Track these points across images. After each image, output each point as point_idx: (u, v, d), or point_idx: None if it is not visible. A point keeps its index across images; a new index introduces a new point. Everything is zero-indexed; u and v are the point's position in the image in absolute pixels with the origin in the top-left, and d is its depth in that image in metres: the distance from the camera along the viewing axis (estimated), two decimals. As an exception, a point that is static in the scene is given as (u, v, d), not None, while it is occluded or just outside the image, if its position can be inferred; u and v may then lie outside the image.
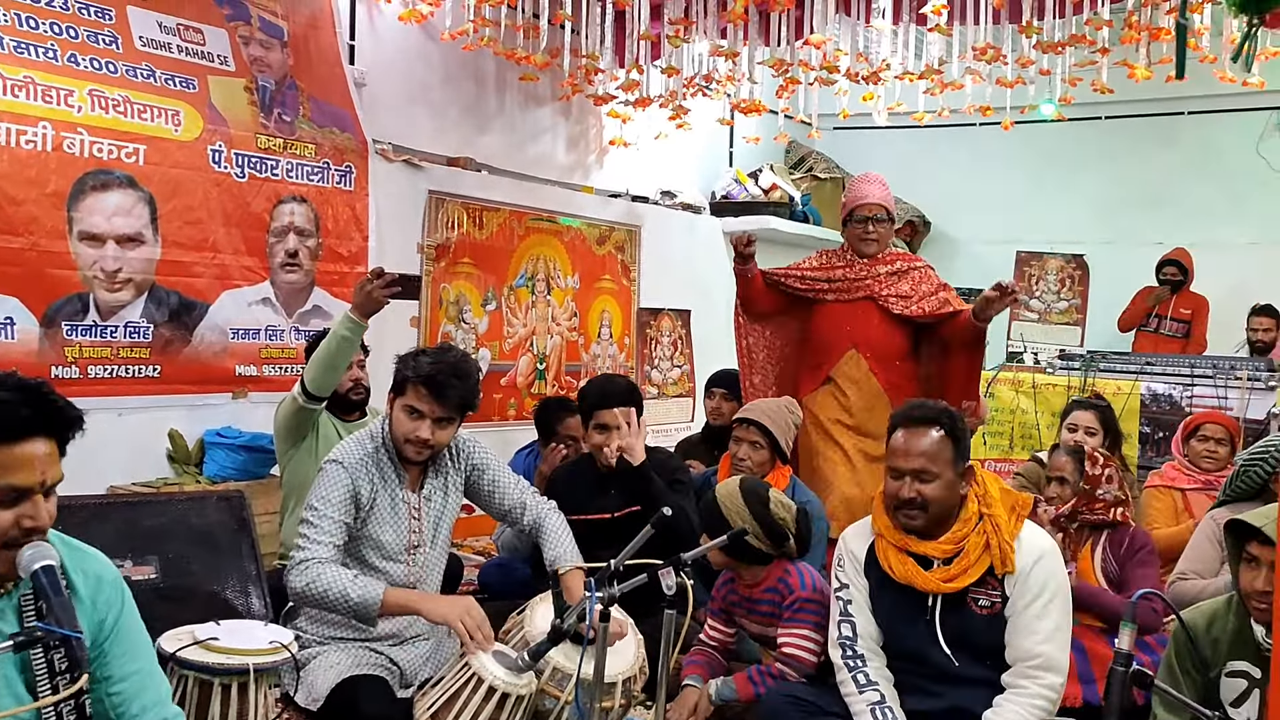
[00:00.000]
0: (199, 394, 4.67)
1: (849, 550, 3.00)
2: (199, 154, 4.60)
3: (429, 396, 3.09)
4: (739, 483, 3.36)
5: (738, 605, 3.44)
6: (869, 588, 2.93)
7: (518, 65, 5.90)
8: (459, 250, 5.88)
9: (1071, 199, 8.67)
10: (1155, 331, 7.83)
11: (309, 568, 2.97)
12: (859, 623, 2.91)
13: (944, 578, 2.80)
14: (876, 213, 4.45)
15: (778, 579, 3.31)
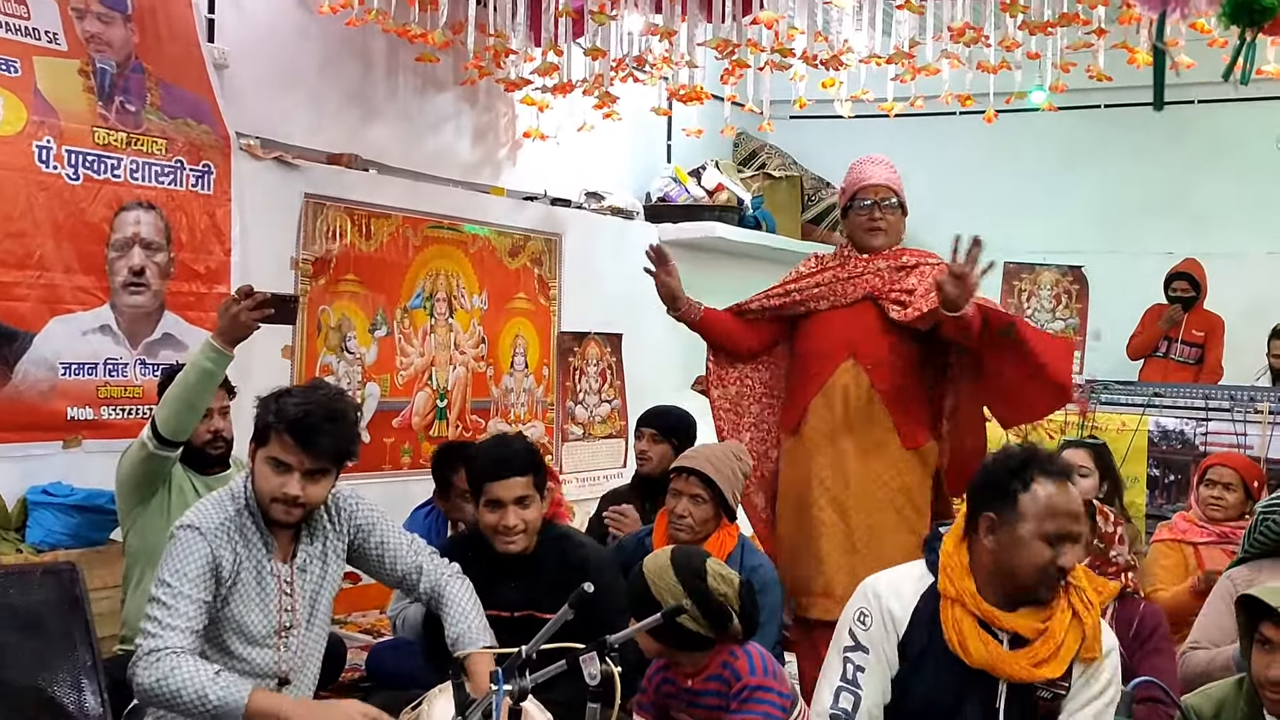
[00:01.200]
0: (21, 442, 4.61)
1: (885, 610, 2.86)
2: (22, 151, 4.54)
3: (296, 446, 3.07)
4: (669, 555, 3.36)
5: (675, 698, 3.44)
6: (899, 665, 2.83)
7: (412, 44, 5.91)
8: (341, 265, 5.87)
9: (1067, 202, 8.86)
10: (1165, 356, 7.96)
11: (160, 660, 2.93)
12: (865, 696, 2.81)
13: (1032, 661, 2.72)
14: (885, 195, 4.28)
15: (722, 664, 3.32)
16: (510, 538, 3.64)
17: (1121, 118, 8.48)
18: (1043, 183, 8.88)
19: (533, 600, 3.62)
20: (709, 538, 4.00)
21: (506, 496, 3.62)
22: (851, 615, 2.92)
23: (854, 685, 2.83)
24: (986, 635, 2.75)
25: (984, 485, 2.84)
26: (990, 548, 2.77)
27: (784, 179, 8.86)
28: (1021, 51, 6.00)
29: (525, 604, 3.63)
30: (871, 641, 2.85)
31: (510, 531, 3.63)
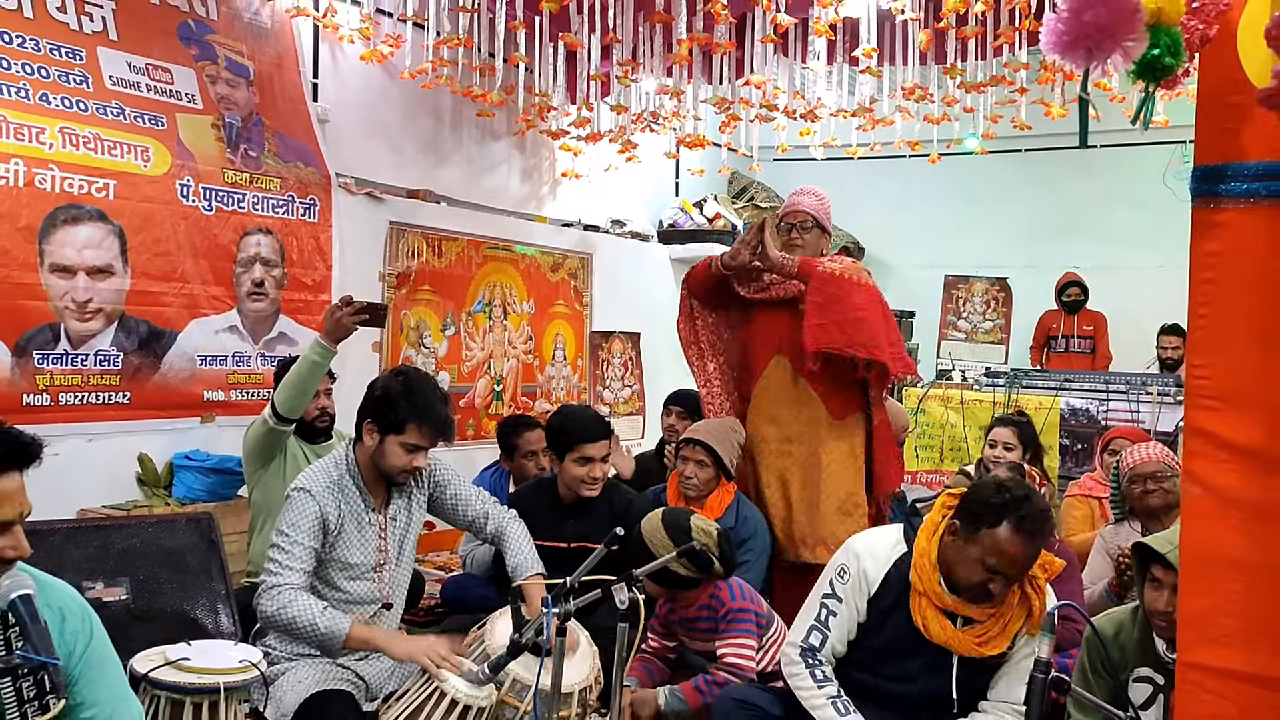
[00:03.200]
0: (168, 419, 4.62)
1: (861, 570, 2.82)
2: (168, 188, 4.56)
3: (432, 435, 3.13)
4: (660, 516, 3.37)
5: (679, 625, 3.47)
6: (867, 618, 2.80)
7: (474, 102, 5.92)
8: (419, 278, 5.88)
9: (994, 226, 8.85)
10: (1065, 351, 8.03)
11: (280, 594, 2.95)
12: (832, 638, 2.80)
13: (979, 640, 2.69)
14: (802, 220, 4.23)
15: (710, 595, 3.35)
16: (594, 486, 3.75)
17: (1039, 159, 8.46)
18: (976, 211, 8.86)
19: (586, 535, 3.69)
20: (711, 494, 4.02)
21: (596, 454, 3.75)
22: (834, 568, 2.89)
23: (825, 627, 2.83)
24: (945, 620, 2.70)
25: (968, 501, 2.72)
26: (947, 544, 2.72)
27: (768, 209, 8.83)
28: (959, 106, 5.99)
29: (579, 537, 3.69)
30: (846, 594, 2.82)
31: (595, 482, 3.77)
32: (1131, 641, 2.60)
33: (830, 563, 2.96)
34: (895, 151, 6.68)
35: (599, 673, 3.10)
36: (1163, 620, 2.46)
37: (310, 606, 2.95)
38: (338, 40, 5.54)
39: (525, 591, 3.21)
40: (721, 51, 5.39)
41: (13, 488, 1.76)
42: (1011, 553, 2.60)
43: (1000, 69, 5.60)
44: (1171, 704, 2.45)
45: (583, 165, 6.92)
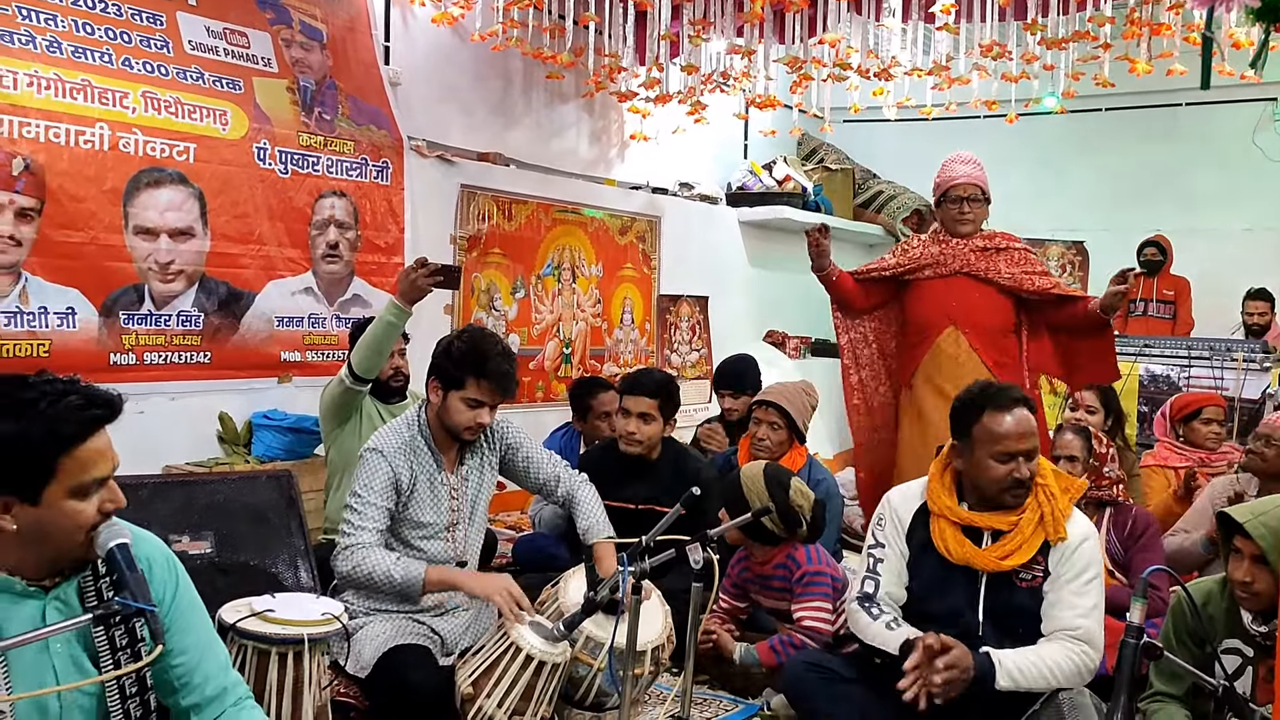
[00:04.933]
0: (247, 378, 4.70)
1: (894, 512, 2.90)
2: (245, 151, 4.62)
3: (494, 390, 3.12)
4: (763, 467, 3.38)
5: (751, 582, 3.47)
6: (909, 555, 2.84)
7: (544, 64, 5.89)
8: (489, 241, 5.90)
9: (1072, 188, 8.62)
10: (1144, 315, 7.81)
11: (354, 552, 3.00)
12: (883, 582, 2.84)
13: (999, 555, 2.71)
14: (971, 193, 4.23)
15: (786, 555, 3.35)
16: (629, 442, 3.75)
17: (1121, 119, 8.20)
18: (1052, 172, 8.63)
19: (653, 497, 3.69)
20: (783, 457, 4.00)
21: (634, 409, 3.74)
22: (874, 520, 2.96)
23: (874, 574, 2.86)
24: (964, 538, 2.74)
25: (951, 420, 2.82)
26: (961, 469, 2.79)
27: (839, 171, 8.71)
28: (1039, 64, 5.81)
29: (647, 499, 3.69)
30: (886, 538, 2.88)
31: (629, 436, 3.74)
32: (1220, 612, 2.53)
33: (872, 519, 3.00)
34: (971, 111, 6.53)
35: (672, 632, 3.12)
36: (1243, 591, 2.40)
37: (384, 559, 3.00)
38: (409, 3, 5.54)
39: (598, 551, 3.23)
40: (794, 9, 5.29)
41: (106, 444, 1.80)
42: (1006, 430, 2.68)
43: (1083, 24, 5.41)
44: (1260, 677, 2.38)
45: (651, 127, 6.87)
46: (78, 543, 1.77)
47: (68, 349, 3.98)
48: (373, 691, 2.96)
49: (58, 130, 3.96)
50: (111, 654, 1.85)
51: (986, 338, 4.18)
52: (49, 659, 1.80)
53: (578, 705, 3.03)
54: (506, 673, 2.79)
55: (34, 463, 1.71)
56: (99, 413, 1.77)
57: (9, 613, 1.77)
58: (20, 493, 1.72)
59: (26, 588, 1.79)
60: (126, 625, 1.85)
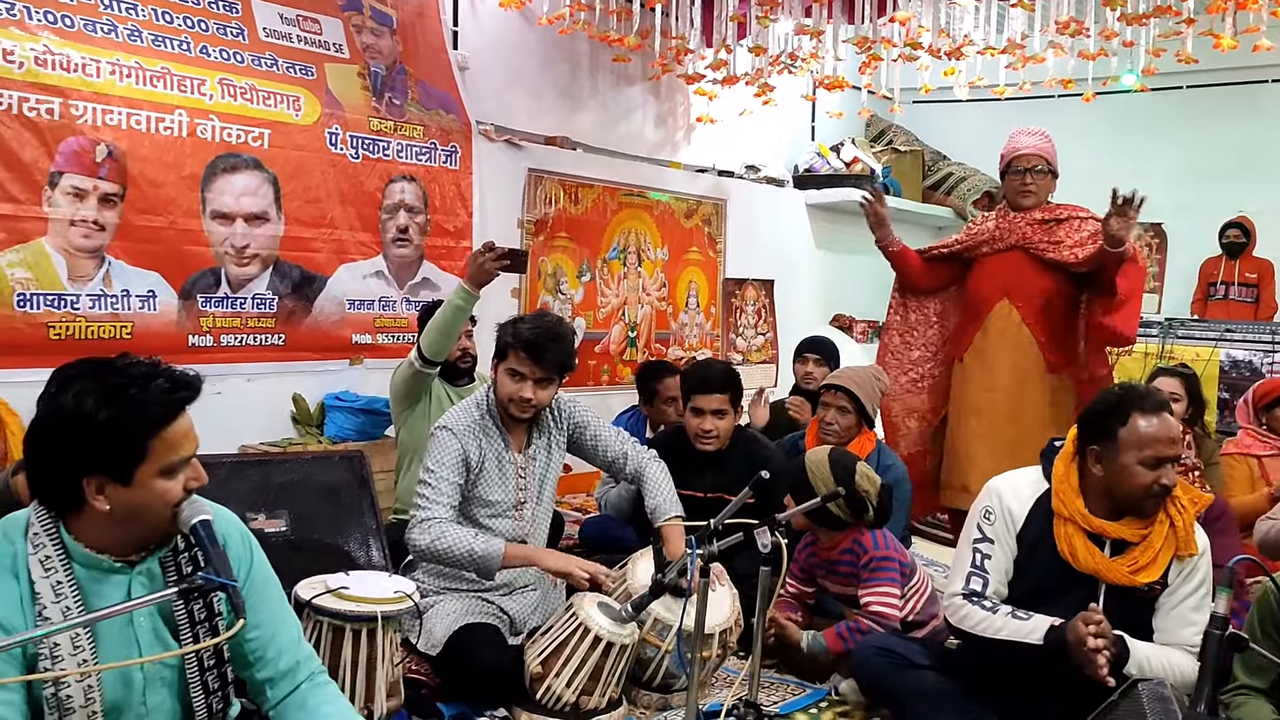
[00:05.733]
0: (319, 360, 4.79)
1: (1005, 508, 2.74)
2: (317, 137, 4.69)
3: (529, 360, 3.14)
4: (828, 453, 3.35)
5: (818, 567, 3.45)
6: (1018, 553, 2.72)
7: (610, 47, 5.88)
8: (556, 225, 5.92)
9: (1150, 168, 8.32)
10: (1225, 299, 7.57)
11: (431, 526, 3.04)
12: (992, 580, 2.70)
13: (1131, 568, 2.58)
14: (1035, 164, 4.17)
15: (853, 540, 3.32)
16: (706, 440, 3.72)
17: (1203, 96, 7.95)
18: (1130, 153, 8.37)
19: (722, 485, 3.67)
20: (851, 441, 3.96)
21: (707, 407, 3.72)
22: (979, 512, 2.81)
23: (982, 570, 2.72)
24: (1093, 546, 2.60)
25: (1089, 422, 2.67)
26: (1100, 475, 2.62)
27: (908, 153, 8.58)
28: (1118, 40, 5.66)
29: (716, 487, 3.68)
30: (996, 534, 2.73)
31: (706, 435, 3.72)
32: None
33: (973, 508, 2.86)
34: (1045, 91, 6.37)
35: (739, 615, 3.12)
36: None
37: (463, 534, 3.03)
38: (477, -13, 5.59)
39: (665, 533, 3.24)
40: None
41: (190, 424, 1.85)
42: (1155, 433, 2.55)
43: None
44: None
45: (717, 110, 6.83)
46: (166, 519, 1.82)
47: (149, 331, 4.09)
48: (443, 669, 3.01)
49: (139, 118, 4.05)
50: (190, 627, 1.90)
51: (1040, 312, 4.11)
52: (134, 632, 1.86)
53: (645, 686, 3.05)
54: (575, 653, 2.81)
55: (127, 446, 1.76)
56: (185, 395, 1.82)
57: (98, 587, 1.83)
58: (113, 474, 1.77)
59: (113, 564, 1.84)
60: (205, 599, 1.90)
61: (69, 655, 1.76)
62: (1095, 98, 6.31)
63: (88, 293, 3.96)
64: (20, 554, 1.78)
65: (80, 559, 1.81)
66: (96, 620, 1.72)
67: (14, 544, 1.79)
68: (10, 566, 1.77)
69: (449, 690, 2.99)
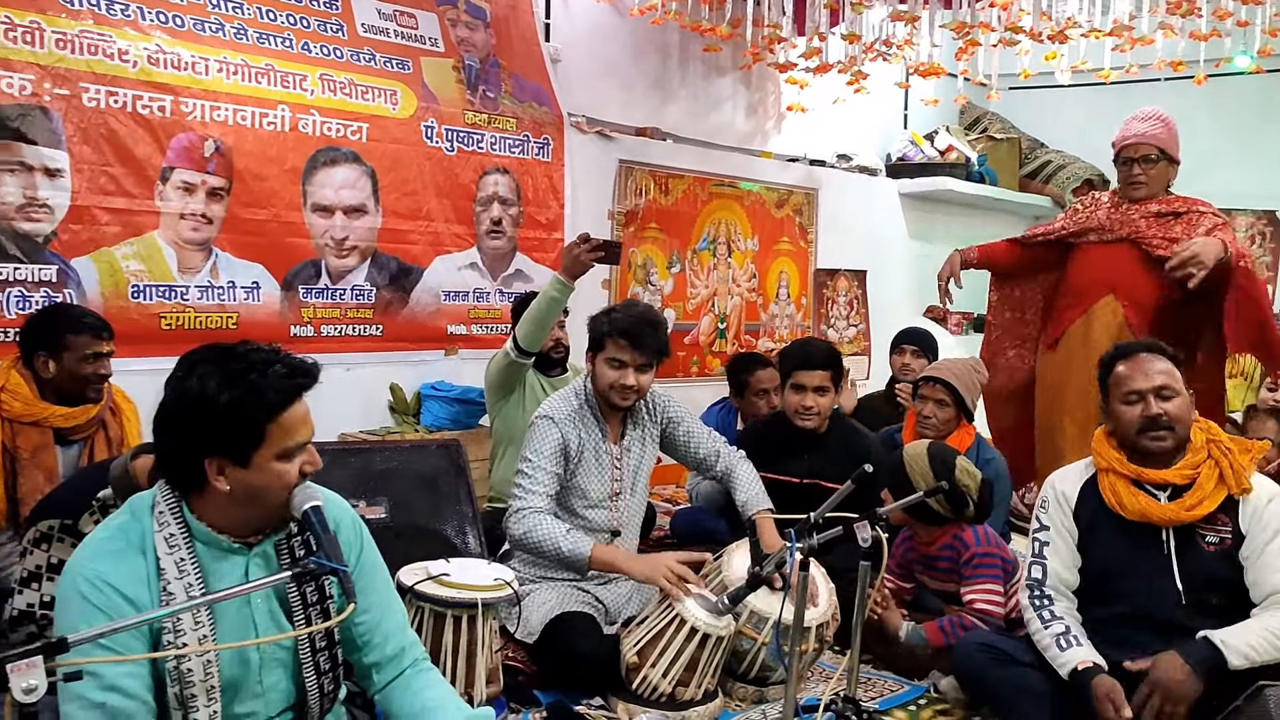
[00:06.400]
0: (416, 350, 4.86)
1: (1058, 492, 2.81)
2: (414, 130, 4.76)
3: (628, 346, 3.15)
4: (927, 446, 3.29)
5: (916, 563, 3.40)
6: (1078, 532, 2.75)
7: (702, 37, 5.86)
8: (646, 216, 5.92)
9: (1263, 153, 8.02)
10: None
11: (526, 517, 3.07)
12: (1051, 565, 2.75)
13: (1182, 506, 2.59)
14: (1145, 153, 3.94)
15: (953, 536, 3.26)
16: (806, 417, 3.69)
17: (1320, 77, 7.59)
18: (1242, 137, 8.04)
19: (818, 471, 3.64)
20: (950, 435, 3.88)
21: (808, 383, 3.68)
22: (1037, 504, 2.89)
23: (1041, 558, 2.78)
24: (1137, 490, 2.64)
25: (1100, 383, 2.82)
26: (1110, 425, 2.76)
27: (1004, 140, 8.38)
28: (1231, 20, 5.44)
29: (812, 474, 3.65)
30: (1051, 520, 2.80)
31: (807, 411, 3.69)
32: None
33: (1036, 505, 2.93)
34: (1153, 74, 6.15)
35: (836, 609, 3.08)
36: None
37: (554, 529, 3.05)
38: (569, -20, 5.61)
39: (760, 526, 3.22)
40: (963, -28, 5.10)
41: (306, 410, 1.89)
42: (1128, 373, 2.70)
43: (1283, -25, 5.04)
44: None
45: (809, 98, 6.75)
46: (282, 502, 1.87)
47: (253, 321, 4.20)
48: (540, 657, 3.04)
49: (244, 113, 4.17)
50: (303, 609, 1.95)
51: (1147, 312, 3.92)
52: (250, 612, 1.92)
53: (741, 679, 3.04)
54: (671, 644, 2.81)
55: (246, 429, 1.82)
56: (302, 381, 1.87)
57: (217, 567, 1.89)
58: (233, 456, 1.83)
59: (232, 544, 1.90)
60: (317, 583, 1.95)
61: (190, 630, 1.82)
62: (1207, 80, 6.08)
63: (196, 284, 4.09)
64: (147, 531, 1.85)
65: (202, 537, 1.88)
66: (219, 600, 1.77)
67: (141, 522, 1.86)
68: (138, 544, 1.84)
69: (545, 678, 3.01)
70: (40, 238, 3.69)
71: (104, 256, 3.84)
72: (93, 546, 1.84)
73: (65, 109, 3.70)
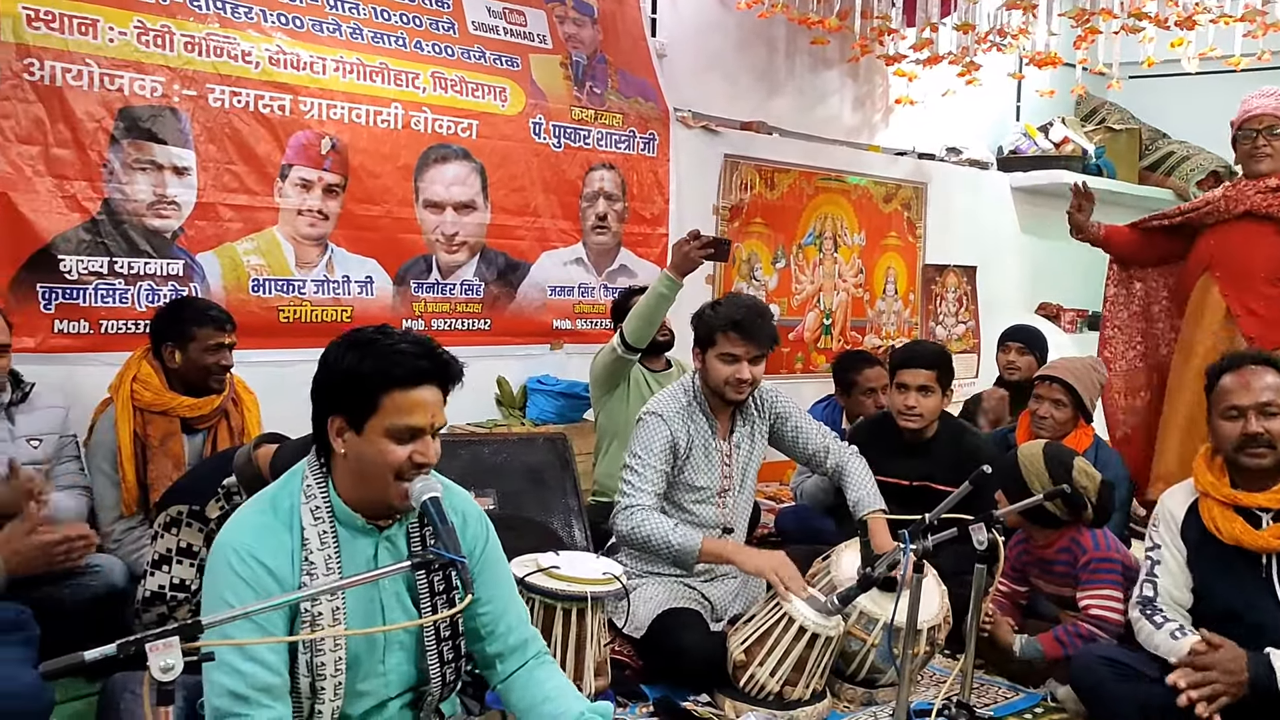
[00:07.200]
0: (522, 345, 4.91)
1: (1167, 511, 2.80)
2: (522, 127, 4.81)
3: (741, 339, 3.14)
4: (1043, 447, 3.20)
5: (1031, 566, 3.31)
6: (1186, 552, 2.72)
7: (809, 29, 5.79)
8: (751, 210, 5.88)
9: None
10: None
11: (634, 514, 3.08)
12: (1161, 583, 2.73)
13: (1276, 534, 2.56)
14: (1269, 124, 3.82)
15: (1070, 539, 3.16)
16: (909, 417, 3.62)
17: None
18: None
19: (929, 474, 3.57)
20: (1066, 437, 3.77)
21: (911, 382, 3.61)
22: (1151, 521, 2.87)
23: (1152, 575, 2.77)
24: (1233, 515, 2.62)
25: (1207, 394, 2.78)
26: (1211, 441, 2.73)
27: (1124, 131, 8.08)
28: (1374, 3, 5.16)
29: (922, 476, 3.58)
30: (1161, 539, 2.78)
31: (910, 411, 3.62)
32: None
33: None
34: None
35: (948, 612, 3.02)
36: None
37: (662, 524, 3.06)
38: (676, -26, 5.60)
39: (872, 526, 3.17)
40: (1084, -43, 4.94)
41: (429, 399, 1.92)
42: (1234, 387, 2.65)
43: None
44: None
45: (918, 90, 6.62)
46: (387, 484, 1.91)
47: (367, 315, 4.30)
48: (646, 652, 3.05)
49: (359, 111, 4.26)
50: (430, 598, 2.00)
51: (1243, 283, 3.83)
52: (378, 594, 1.98)
53: (849, 680, 3.00)
54: (779, 643, 2.79)
55: (362, 392, 1.89)
56: (424, 365, 1.91)
57: (350, 545, 1.95)
58: (350, 418, 1.90)
59: (365, 525, 1.96)
60: (444, 572, 2.00)
61: (326, 601, 1.90)
62: (1345, 66, 5.78)
63: (313, 278, 4.20)
64: (295, 506, 1.93)
65: (340, 513, 1.95)
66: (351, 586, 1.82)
67: (291, 496, 1.95)
68: (286, 520, 1.92)
69: (652, 673, 3.03)
70: (168, 233, 3.84)
71: (227, 251, 3.98)
72: (242, 519, 1.93)
73: (193, 109, 3.84)
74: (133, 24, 3.68)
